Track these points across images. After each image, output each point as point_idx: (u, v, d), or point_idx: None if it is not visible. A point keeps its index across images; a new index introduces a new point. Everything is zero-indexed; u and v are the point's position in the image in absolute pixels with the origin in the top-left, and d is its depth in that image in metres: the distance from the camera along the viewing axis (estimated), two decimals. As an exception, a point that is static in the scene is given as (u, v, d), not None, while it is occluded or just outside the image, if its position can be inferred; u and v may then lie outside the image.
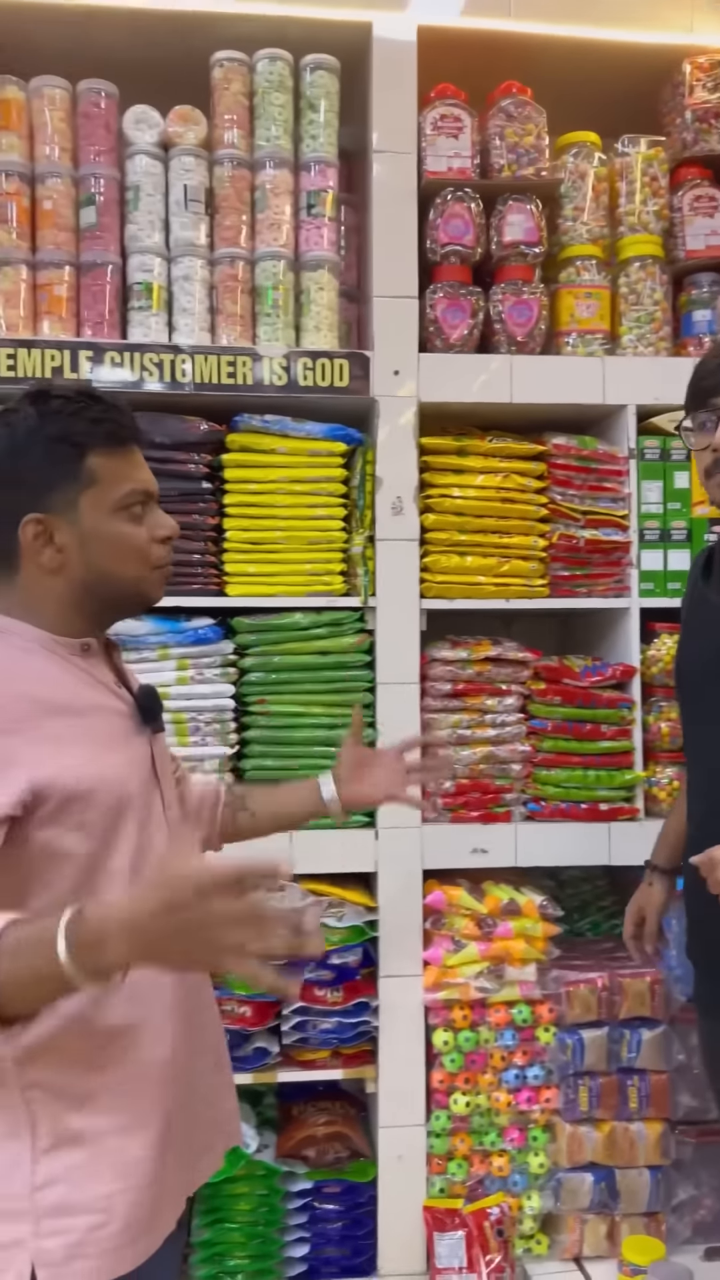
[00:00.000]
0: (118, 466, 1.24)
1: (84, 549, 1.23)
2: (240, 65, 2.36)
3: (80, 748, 1.17)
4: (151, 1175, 1.19)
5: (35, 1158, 1.14)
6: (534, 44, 2.46)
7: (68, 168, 2.32)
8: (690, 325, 2.50)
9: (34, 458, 1.21)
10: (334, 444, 2.32)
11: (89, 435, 1.22)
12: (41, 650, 1.22)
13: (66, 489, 1.22)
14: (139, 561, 1.26)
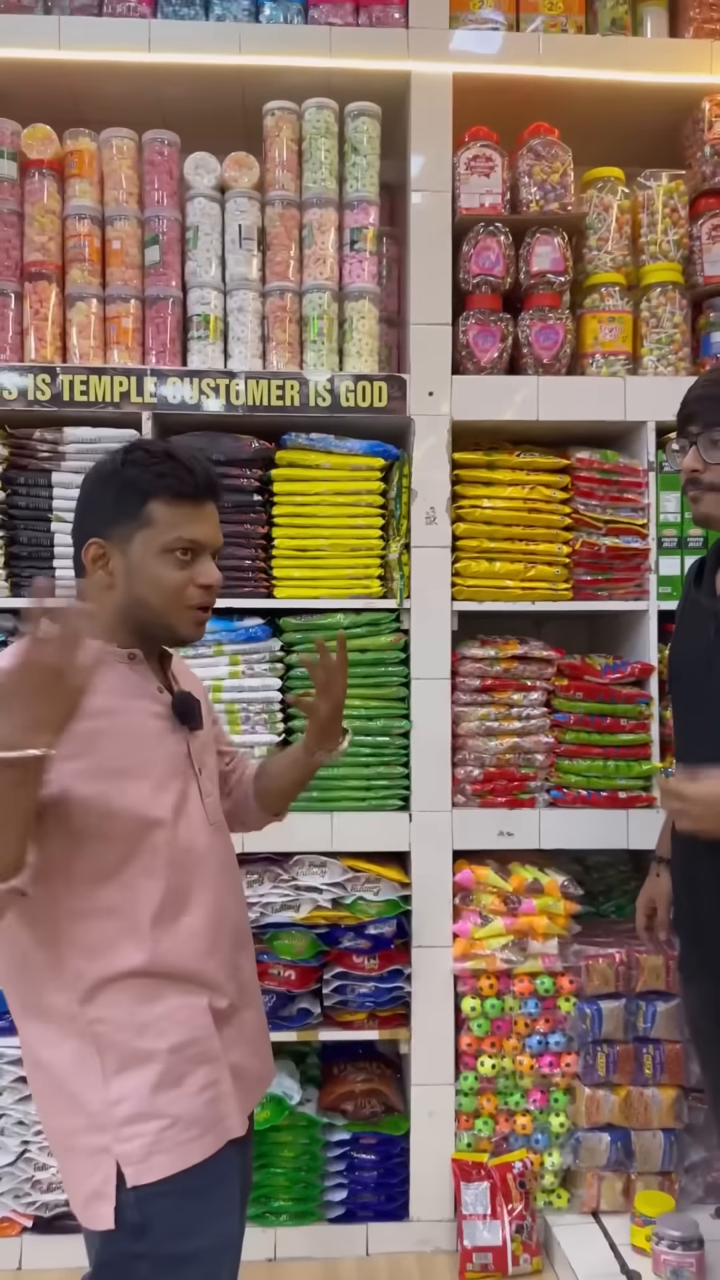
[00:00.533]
0: (173, 516, 1.41)
1: (128, 577, 1.41)
2: (290, 113, 2.58)
3: (110, 740, 1.36)
4: (204, 1083, 1.38)
5: (106, 1080, 1.34)
6: (561, 87, 2.64)
7: (134, 210, 2.56)
8: (709, 346, 2.67)
9: (109, 494, 1.42)
10: (373, 459, 2.53)
11: (153, 485, 1.40)
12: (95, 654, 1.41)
13: (126, 525, 1.40)
14: (172, 599, 1.42)
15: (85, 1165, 1.35)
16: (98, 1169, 1.34)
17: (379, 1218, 2.52)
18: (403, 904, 2.52)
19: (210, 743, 1.59)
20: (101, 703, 1.35)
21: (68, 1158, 1.38)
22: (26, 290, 2.53)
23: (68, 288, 2.53)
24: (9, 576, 2.47)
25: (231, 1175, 1.43)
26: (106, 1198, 1.33)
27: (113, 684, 1.40)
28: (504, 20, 2.65)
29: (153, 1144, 1.34)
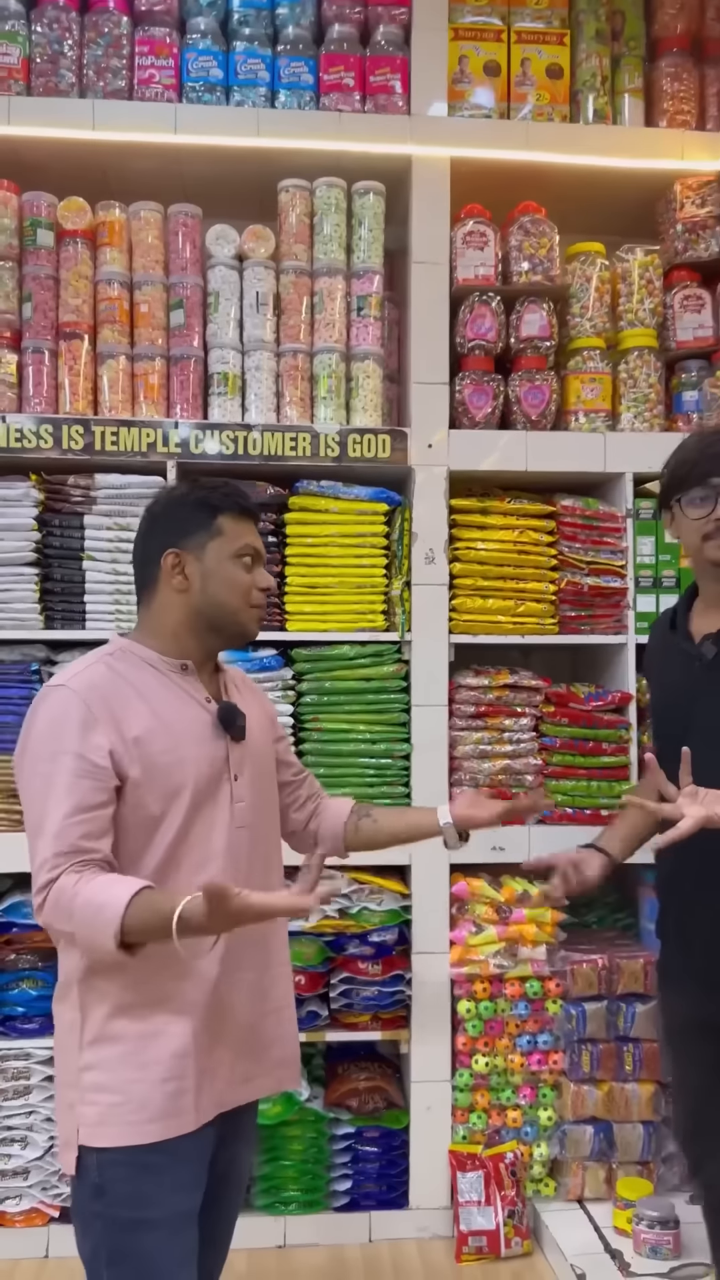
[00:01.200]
0: (239, 528, 1.65)
1: (204, 581, 1.62)
2: (302, 190, 2.83)
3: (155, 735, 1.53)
4: (167, 1074, 1.49)
5: (82, 1047, 1.51)
6: (548, 169, 2.91)
7: (160, 276, 2.80)
8: (680, 404, 2.94)
9: (181, 512, 1.64)
10: (377, 505, 2.77)
11: (222, 501, 1.64)
12: (147, 666, 1.61)
13: (200, 536, 1.62)
14: (242, 598, 1.63)
15: (63, 1114, 1.54)
16: (68, 1120, 1.52)
17: (381, 1206, 2.71)
18: (404, 914, 2.73)
19: (261, 754, 1.72)
20: (153, 708, 1.55)
21: (58, 1103, 1.56)
22: (61, 348, 2.75)
23: (99, 346, 2.76)
24: (43, 610, 2.68)
25: (195, 1157, 1.54)
26: (72, 1146, 1.51)
27: (165, 692, 1.59)
28: (494, 107, 2.93)
29: (103, 1114, 1.49)
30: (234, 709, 1.64)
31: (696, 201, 2.94)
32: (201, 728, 1.60)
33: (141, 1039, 1.50)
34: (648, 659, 2.11)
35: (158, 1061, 1.50)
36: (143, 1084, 1.49)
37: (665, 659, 1.98)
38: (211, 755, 1.60)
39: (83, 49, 2.84)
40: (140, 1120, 1.48)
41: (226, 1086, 1.59)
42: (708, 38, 3.08)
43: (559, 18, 3.00)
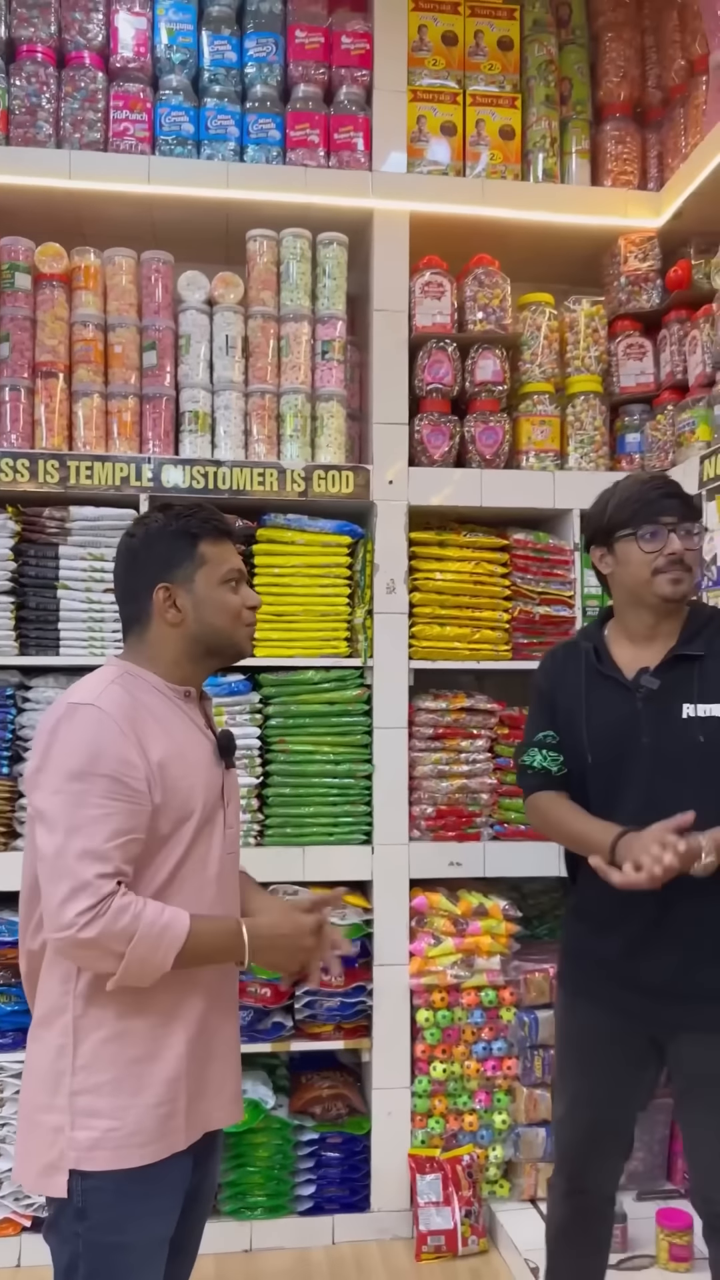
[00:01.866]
0: (221, 552, 1.66)
1: (197, 609, 1.62)
2: (270, 240, 2.99)
3: (173, 760, 1.56)
4: (160, 1099, 1.51)
5: (74, 1072, 1.50)
6: (501, 223, 3.10)
7: (133, 319, 2.94)
8: (624, 446, 3.14)
9: (162, 545, 1.63)
10: (341, 537, 2.92)
11: (201, 528, 1.64)
12: (156, 691, 1.62)
13: (187, 567, 1.62)
14: (235, 619, 1.65)
15: (45, 1139, 1.51)
16: (54, 1145, 1.50)
17: (344, 1209, 2.82)
18: (365, 927, 2.86)
19: (237, 783, 1.77)
20: (170, 735, 1.58)
21: (31, 1129, 1.54)
22: (38, 386, 2.87)
23: (74, 385, 2.89)
24: (18, 637, 2.78)
25: (178, 1182, 1.57)
26: (60, 1170, 1.49)
27: (176, 719, 1.61)
28: (451, 164, 3.11)
29: (98, 1140, 1.49)
30: (231, 736, 1.69)
31: (639, 256, 3.14)
32: (205, 755, 1.64)
33: (136, 1063, 1.51)
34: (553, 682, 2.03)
35: (151, 1086, 1.52)
36: (136, 1109, 1.50)
37: (590, 688, 1.96)
38: (212, 782, 1.64)
39: (60, 102, 2.98)
40: (134, 1145, 1.50)
41: (214, 1106, 1.62)
42: (649, 104, 3.31)
43: (511, 83, 3.20)
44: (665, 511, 1.88)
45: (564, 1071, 2.05)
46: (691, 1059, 1.89)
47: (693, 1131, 1.93)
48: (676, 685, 1.87)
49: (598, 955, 1.96)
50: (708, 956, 1.87)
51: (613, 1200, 2.10)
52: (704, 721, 1.84)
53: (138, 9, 3.03)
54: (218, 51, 3.06)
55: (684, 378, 3.00)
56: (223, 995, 1.65)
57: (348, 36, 3.08)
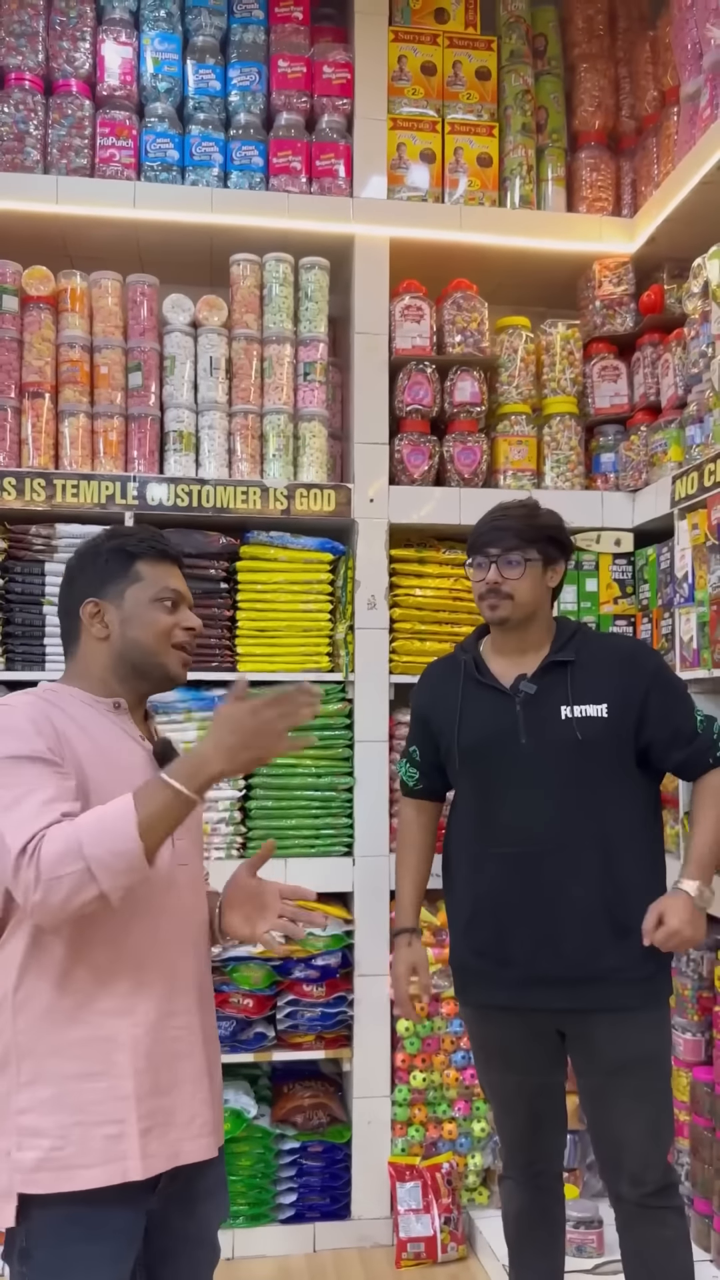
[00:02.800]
0: (157, 572, 1.61)
1: (123, 627, 1.57)
2: (253, 264, 3.06)
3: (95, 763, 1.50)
4: (106, 1117, 1.42)
5: (17, 1089, 1.43)
6: (479, 249, 3.18)
7: (119, 341, 3.00)
8: (599, 465, 3.21)
9: (98, 562, 1.61)
10: (323, 554, 2.98)
11: (138, 548, 1.61)
12: (82, 704, 1.56)
13: (119, 583, 1.59)
14: (162, 640, 1.58)
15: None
16: (1, 1170, 1.42)
17: (325, 1217, 2.86)
18: (347, 938, 2.90)
19: None
20: (95, 740, 1.52)
21: None
22: (25, 406, 2.93)
23: (61, 405, 2.94)
24: (5, 652, 2.82)
25: (129, 1225, 1.45)
26: (9, 1198, 1.40)
27: (103, 727, 1.55)
28: (429, 190, 3.19)
29: (41, 1160, 1.40)
30: (170, 744, 1.62)
31: (613, 280, 3.23)
32: (140, 764, 1.56)
33: (79, 1079, 1.43)
34: (427, 697, 2.18)
35: (96, 1104, 1.43)
36: (80, 1126, 1.42)
37: (467, 697, 2.07)
38: None
39: (47, 129, 3.04)
40: (78, 1165, 1.41)
41: (184, 1136, 1.50)
42: (622, 133, 3.40)
43: (488, 111, 3.29)
44: (490, 544, 2.03)
45: (487, 1074, 2.16)
46: (611, 1042, 1.96)
47: (617, 1114, 1.99)
48: (552, 689, 2.00)
49: (491, 963, 2.03)
50: (604, 937, 1.95)
51: (561, 1177, 2.20)
52: (580, 721, 1.97)
53: (124, 38, 3.10)
54: (202, 80, 3.13)
55: (657, 399, 3.08)
56: (184, 1014, 1.54)
57: (329, 66, 3.16)
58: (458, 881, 2.13)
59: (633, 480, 3.10)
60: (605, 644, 2.12)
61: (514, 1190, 2.16)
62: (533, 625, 2.06)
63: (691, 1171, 2.62)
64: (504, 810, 1.99)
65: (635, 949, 1.93)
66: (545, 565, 2.06)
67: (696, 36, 2.85)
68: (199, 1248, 1.61)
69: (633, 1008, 1.96)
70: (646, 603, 3.02)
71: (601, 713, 1.97)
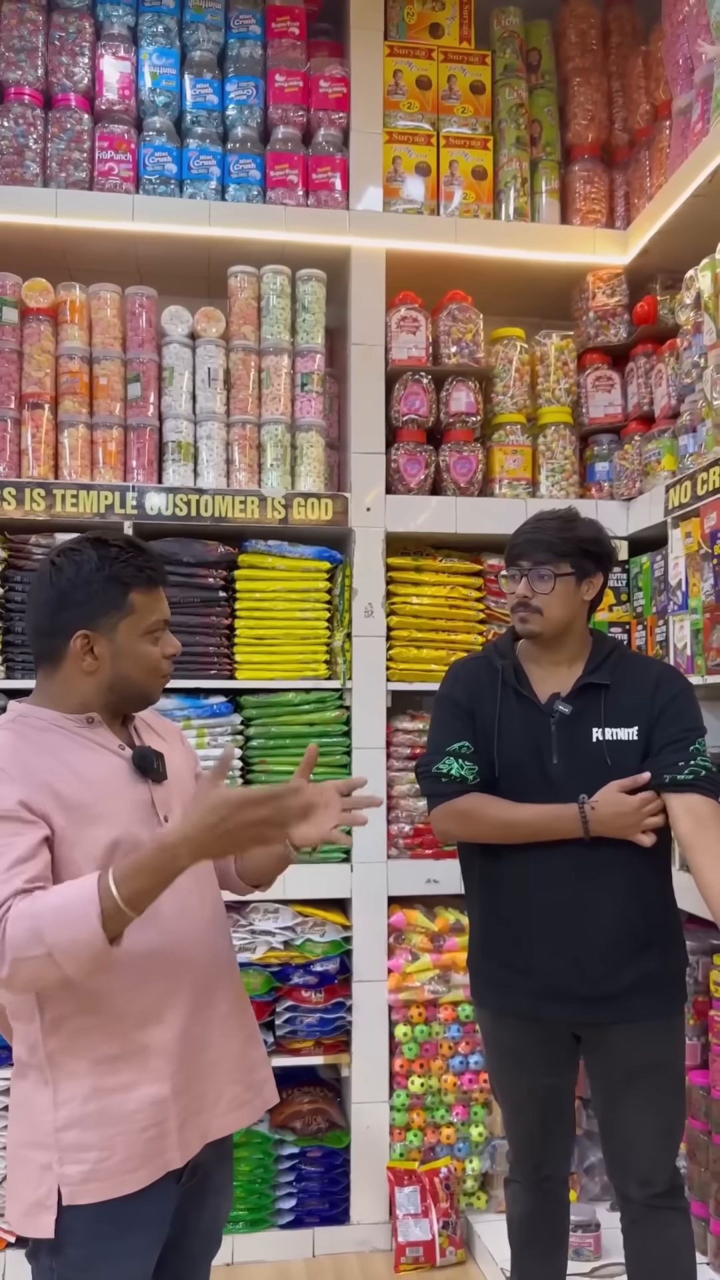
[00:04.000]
0: (150, 602, 1.59)
1: (115, 661, 1.56)
2: (251, 276, 3.09)
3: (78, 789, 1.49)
4: (147, 1122, 1.47)
5: (57, 1107, 1.46)
6: (474, 261, 3.22)
7: (118, 352, 3.02)
8: (593, 474, 3.24)
9: (91, 590, 1.55)
10: (320, 563, 3.01)
11: (134, 577, 1.57)
12: (53, 727, 1.55)
13: (112, 616, 1.55)
14: (153, 673, 1.60)
15: (33, 1177, 1.46)
16: (42, 1183, 1.45)
17: (324, 1222, 2.87)
18: (345, 944, 2.92)
19: (188, 791, 1.67)
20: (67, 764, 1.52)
21: (18, 1168, 1.49)
22: (25, 417, 2.95)
23: (60, 415, 2.97)
24: (4, 661, 2.84)
25: (157, 1217, 1.51)
26: (49, 1209, 1.44)
27: (74, 747, 1.55)
28: (425, 203, 3.23)
29: (89, 1172, 1.45)
30: (149, 752, 1.61)
31: (607, 292, 3.26)
32: (119, 776, 1.57)
33: (119, 1091, 1.48)
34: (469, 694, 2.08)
35: (138, 1111, 1.48)
36: (124, 1134, 1.47)
37: (505, 706, 2.04)
38: (135, 801, 1.57)
39: (46, 142, 3.07)
40: (127, 1171, 1.46)
41: (212, 1116, 1.58)
42: (616, 146, 3.43)
43: (483, 125, 3.33)
44: (521, 555, 2.03)
45: (500, 1079, 2.15)
46: (627, 1050, 1.97)
47: (629, 1117, 2.00)
48: (586, 710, 1.99)
49: (512, 972, 2.02)
50: (625, 954, 1.95)
51: (567, 1183, 2.20)
52: (611, 745, 1.96)
53: (122, 53, 3.13)
54: (200, 94, 3.17)
55: (650, 409, 3.11)
56: (209, 1007, 1.58)
57: (325, 80, 3.20)
58: (480, 890, 2.09)
59: (627, 489, 3.13)
60: (638, 667, 2.07)
61: (520, 1194, 2.17)
62: (567, 639, 2.03)
63: (688, 1175, 2.64)
64: None
65: (655, 963, 1.96)
66: (580, 579, 2.01)
67: (688, 51, 2.89)
68: (209, 1241, 1.68)
69: (648, 1017, 1.97)
70: (641, 610, 3.05)
71: (632, 735, 1.97)
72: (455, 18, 3.36)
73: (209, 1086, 1.57)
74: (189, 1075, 1.53)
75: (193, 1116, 1.54)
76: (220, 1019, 1.60)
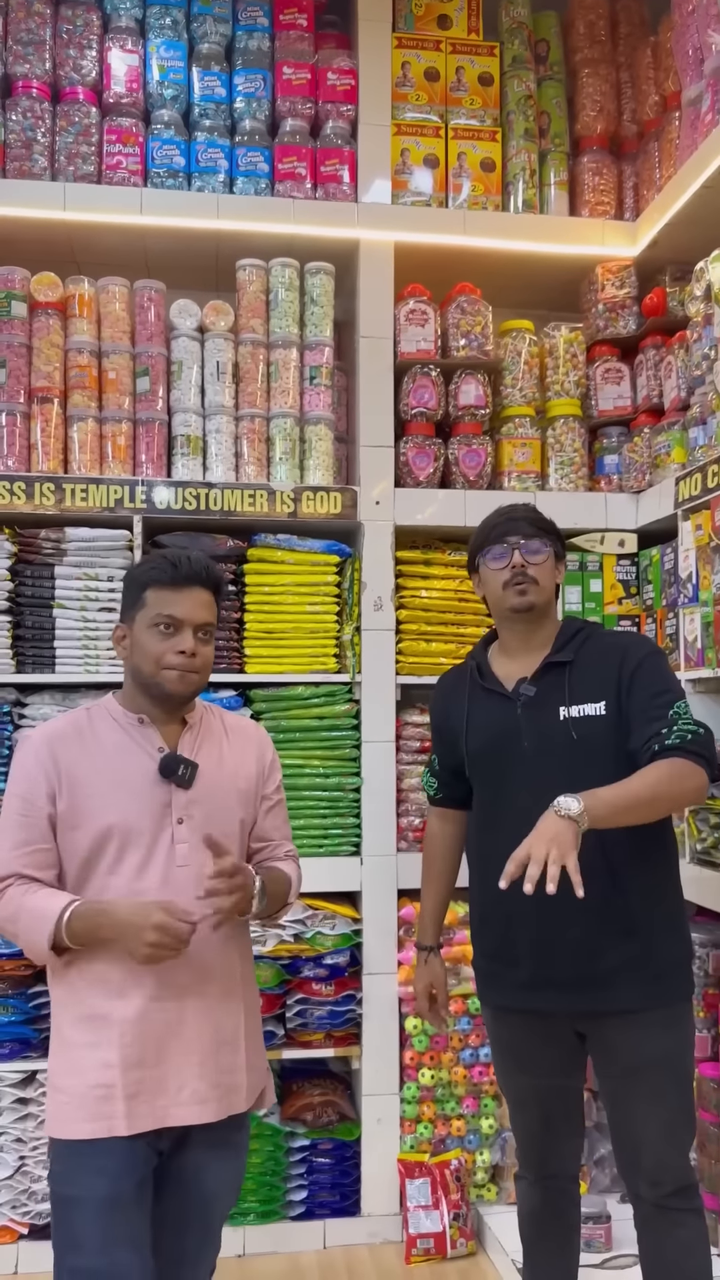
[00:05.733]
0: (160, 598, 1.76)
1: (133, 649, 1.79)
2: (259, 269, 3.08)
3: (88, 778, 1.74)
4: (96, 1082, 1.67)
5: (52, 1050, 1.77)
6: (482, 253, 3.21)
7: (127, 346, 3.02)
8: (602, 467, 3.24)
9: (127, 588, 1.83)
10: (329, 556, 3.01)
11: (148, 576, 1.78)
12: (109, 718, 1.81)
13: (133, 609, 1.79)
14: (154, 662, 1.75)
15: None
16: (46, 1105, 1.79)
17: (335, 1214, 2.88)
18: (355, 937, 2.92)
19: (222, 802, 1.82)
20: (106, 756, 1.76)
21: None
22: (34, 411, 2.95)
23: (69, 410, 2.97)
24: (15, 655, 2.85)
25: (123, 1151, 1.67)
26: None
27: (118, 742, 1.78)
28: (433, 195, 3.22)
29: (53, 1110, 1.73)
30: (175, 759, 1.76)
31: (615, 284, 3.25)
32: (142, 775, 1.76)
33: (81, 1048, 1.71)
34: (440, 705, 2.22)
35: (91, 1069, 1.69)
36: (78, 1087, 1.69)
37: (473, 702, 2.11)
38: (148, 800, 1.74)
39: (55, 136, 3.07)
40: (76, 1119, 1.68)
41: (173, 1104, 1.71)
42: (624, 137, 3.42)
43: (491, 117, 3.31)
44: (508, 533, 2.09)
45: (503, 1075, 2.17)
46: (623, 1044, 1.97)
47: (634, 1115, 1.99)
48: (551, 691, 2.02)
49: (501, 964, 2.06)
50: (611, 936, 1.95)
51: (577, 1180, 2.20)
52: (577, 720, 1.99)
53: (130, 46, 3.13)
54: (208, 87, 3.16)
55: (660, 401, 3.10)
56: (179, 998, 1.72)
57: (333, 73, 3.19)
58: (473, 884, 2.15)
59: (636, 482, 3.13)
60: (606, 641, 2.09)
61: (528, 1190, 2.17)
62: (546, 620, 2.10)
63: (699, 1167, 2.64)
64: (508, 813, 1.98)
65: (639, 949, 1.95)
66: (556, 559, 2.13)
67: (697, 42, 2.87)
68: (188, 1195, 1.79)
69: (640, 1009, 1.95)
70: (650, 603, 3.05)
71: (599, 710, 1.97)
72: (464, 9, 3.35)
73: (170, 1073, 1.71)
74: (145, 1054, 1.70)
75: (148, 1095, 1.69)
76: (195, 1013, 1.74)
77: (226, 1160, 1.81)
